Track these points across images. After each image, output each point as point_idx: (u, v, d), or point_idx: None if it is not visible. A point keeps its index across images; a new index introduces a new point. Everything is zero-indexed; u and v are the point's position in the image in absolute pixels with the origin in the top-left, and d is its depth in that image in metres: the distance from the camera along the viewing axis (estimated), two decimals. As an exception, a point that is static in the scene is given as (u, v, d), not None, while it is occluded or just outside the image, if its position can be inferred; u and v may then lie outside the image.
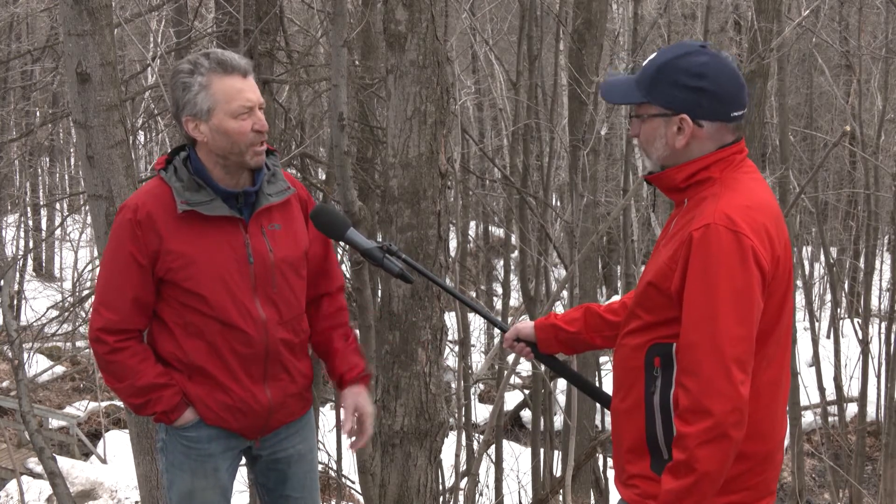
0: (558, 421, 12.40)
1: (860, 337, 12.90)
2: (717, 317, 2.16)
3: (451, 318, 11.15)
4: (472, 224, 19.97)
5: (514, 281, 15.03)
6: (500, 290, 15.82)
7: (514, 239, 12.86)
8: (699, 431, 2.15)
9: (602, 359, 12.79)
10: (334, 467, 9.21)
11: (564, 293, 9.70)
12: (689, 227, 2.24)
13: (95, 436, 15.84)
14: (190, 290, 2.74)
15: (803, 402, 12.55)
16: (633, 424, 2.37)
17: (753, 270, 2.17)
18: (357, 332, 7.06)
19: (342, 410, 2.99)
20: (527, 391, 14.13)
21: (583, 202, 8.76)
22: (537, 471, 11.09)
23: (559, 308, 12.97)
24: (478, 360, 15.87)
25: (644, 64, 2.38)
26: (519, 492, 11.42)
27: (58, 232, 21.15)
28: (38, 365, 16.60)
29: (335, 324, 3.04)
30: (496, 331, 15.81)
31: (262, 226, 2.82)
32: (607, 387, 2.94)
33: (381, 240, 4.16)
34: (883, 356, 12.83)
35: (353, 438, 2.98)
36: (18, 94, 17.30)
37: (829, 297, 18.60)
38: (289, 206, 2.89)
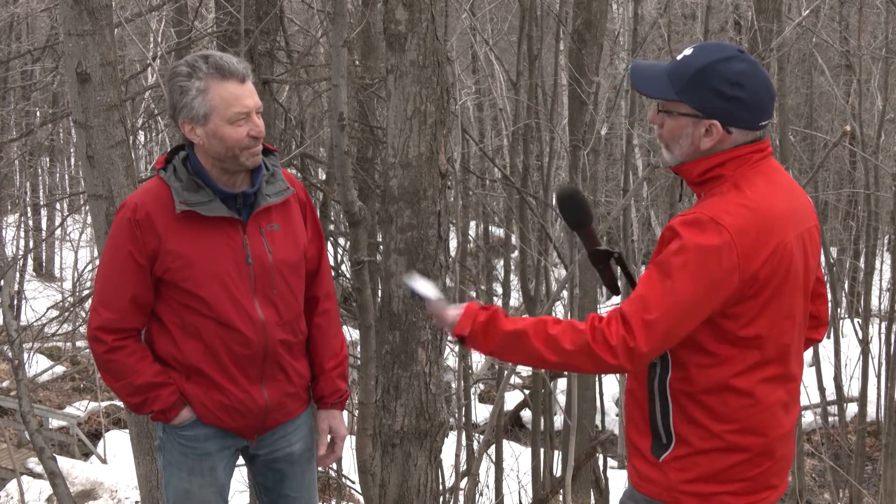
0: (558, 421, 12.39)
1: (860, 337, 12.90)
2: (674, 290, 2.20)
3: (451, 319, 11.12)
4: (472, 224, 19.93)
5: (514, 281, 15.02)
6: (500, 290, 15.81)
7: (514, 239, 12.85)
8: (584, 343, 2.24)
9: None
10: (334, 467, 9.20)
11: (564, 293, 9.69)
12: (679, 217, 2.28)
13: (95, 436, 15.82)
14: (189, 290, 2.74)
15: (803, 402, 12.48)
16: (637, 407, 2.43)
17: (722, 267, 2.19)
18: (357, 331, 7.06)
19: (317, 430, 3.04)
20: (527, 391, 14.11)
21: (583, 202, 8.73)
22: (537, 471, 11.08)
23: (559, 308, 12.96)
24: (478, 360, 15.84)
25: (679, 59, 2.34)
26: (519, 492, 11.41)
27: (58, 232, 21.16)
28: (38, 365, 16.58)
29: (328, 333, 3.02)
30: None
31: (261, 226, 2.81)
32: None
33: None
34: (883, 356, 12.82)
35: (323, 456, 3.05)
36: (18, 94, 17.32)
37: (829, 297, 18.56)
38: (288, 206, 2.89)
